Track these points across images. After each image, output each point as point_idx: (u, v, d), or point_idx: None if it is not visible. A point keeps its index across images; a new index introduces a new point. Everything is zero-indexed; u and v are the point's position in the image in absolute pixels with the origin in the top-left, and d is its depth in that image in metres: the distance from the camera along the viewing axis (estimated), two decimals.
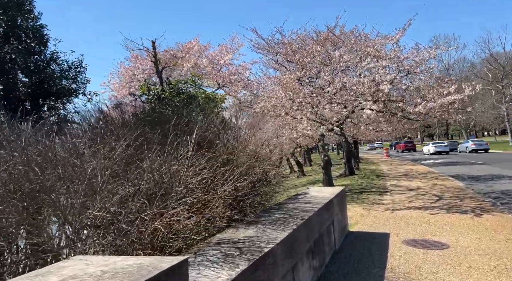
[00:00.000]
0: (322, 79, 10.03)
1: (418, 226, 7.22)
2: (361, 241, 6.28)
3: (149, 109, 4.73)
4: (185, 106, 5.64)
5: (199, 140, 4.04)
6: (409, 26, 10.96)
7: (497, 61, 55.67)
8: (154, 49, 9.49)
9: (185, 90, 8.09)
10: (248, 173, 3.80)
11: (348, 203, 10.14)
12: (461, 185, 12.95)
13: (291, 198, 5.76)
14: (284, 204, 4.98)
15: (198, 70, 13.36)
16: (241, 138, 4.24)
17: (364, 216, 8.44)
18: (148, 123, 4.37)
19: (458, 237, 6.29)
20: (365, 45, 10.21)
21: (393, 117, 11.68)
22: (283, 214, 4.26)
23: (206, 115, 4.59)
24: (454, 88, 9.48)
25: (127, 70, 14.46)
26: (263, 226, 3.70)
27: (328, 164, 11.91)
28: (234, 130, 4.77)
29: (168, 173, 2.77)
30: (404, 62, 10.38)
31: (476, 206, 9.04)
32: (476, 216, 7.89)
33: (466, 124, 63.26)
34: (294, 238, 3.61)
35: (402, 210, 8.92)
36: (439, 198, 10.39)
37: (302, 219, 4.02)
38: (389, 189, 13.05)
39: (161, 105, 5.57)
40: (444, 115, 11.56)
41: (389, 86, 9.18)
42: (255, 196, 4.02)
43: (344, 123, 12.08)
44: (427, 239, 6.24)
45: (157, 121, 4.51)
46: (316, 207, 4.70)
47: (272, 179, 4.50)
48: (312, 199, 5.51)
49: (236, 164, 3.63)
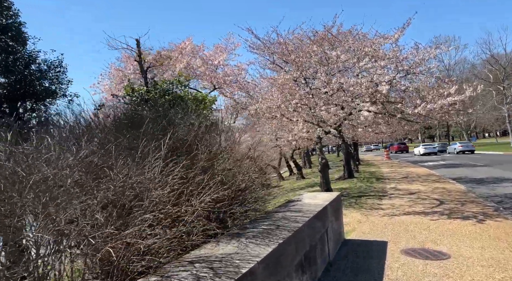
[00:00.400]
0: (319, 80, 9.71)
1: (418, 233, 6.89)
2: (357, 250, 5.95)
3: (129, 112, 4.40)
4: (171, 108, 5.33)
5: (177, 145, 3.72)
6: (408, 25, 10.65)
7: (498, 62, 55.31)
8: (138, 48, 9.14)
9: (171, 91, 7.76)
10: (231, 181, 3.49)
11: (346, 208, 9.82)
12: (463, 188, 12.61)
13: (282, 206, 5.43)
14: (273, 213, 4.66)
15: (191, 71, 13.04)
16: (225, 144, 3.93)
17: (361, 222, 8.11)
18: (126, 127, 4.06)
19: (459, 245, 5.96)
20: (363, 45, 9.89)
21: (393, 119, 11.35)
22: (270, 225, 3.93)
23: (187, 117, 4.26)
24: (454, 89, 9.15)
25: (117, 71, 14.11)
26: (246, 239, 3.37)
27: (325, 167, 11.58)
28: (221, 133, 4.45)
29: (130, 184, 2.46)
30: (403, 63, 10.06)
31: (478, 211, 8.70)
32: (479, 222, 7.56)
33: (467, 125, 62.88)
34: (280, 253, 3.29)
35: (401, 216, 8.59)
36: (440, 202, 10.05)
37: (291, 231, 3.70)
38: (388, 192, 12.72)
39: (145, 107, 5.27)
40: (444, 117, 11.23)
41: (387, 87, 8.85)
42: (239, 205, 3.70)
43: (342, 125, 11.75)
44: (427, 248, 5.91)
45: (136, 125, 4.20)
46: (307, 217, 4.38)
47: (259, 187, 4.17)
48: (304, 206, 5.19)
49: (217, 172, 3.31)
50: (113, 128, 3.94)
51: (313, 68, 10.30)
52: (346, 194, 12.55)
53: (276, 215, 4.57)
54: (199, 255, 2.93)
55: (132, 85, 8.06)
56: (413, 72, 10.23)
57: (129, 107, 5.05)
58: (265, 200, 4.97)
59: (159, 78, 10.41)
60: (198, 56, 13.11)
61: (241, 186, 3.67)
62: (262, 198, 4.42)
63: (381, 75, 9.14)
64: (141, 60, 9.06)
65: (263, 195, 4.64)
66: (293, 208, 5.13)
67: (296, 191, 16.16)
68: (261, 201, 4.34)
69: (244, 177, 3.73)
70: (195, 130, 4.00)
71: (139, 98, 6.98)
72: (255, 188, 4.08)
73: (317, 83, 10.18)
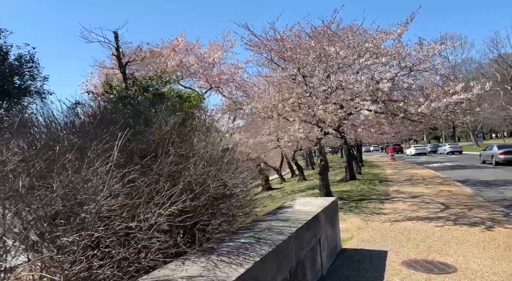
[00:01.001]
0: (316, 77, 9.21)
1: (421, 241, 6.37)
2: (354, 262, 5.45)
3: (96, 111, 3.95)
4: (149, 107, 4.88)
5: (144, 148, 3.26)
6: (412, 20, 10.11)
7: (506, 61, 54.32)
8: (116, 41, 8.62)
9: (152, 88, 7.28)
10: (204, 188, 3.02)
11: (345, 213, 9.32)
12: (470, 191, 12.03)
13: (271, 213, 4.95)
14: (258, 222, 4.18)
15: (185, 69, 12.52)
16: (200, 145, 3.46)
17: (361, 229, 7.60)
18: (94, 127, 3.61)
19: (467, 256, 5.44)
20: (363, 40, 9.38)
21: (395, 119, 10.82)
22: (250, 238, 3.45)
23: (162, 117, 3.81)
24: (461, 87, 8.61)
25: (108, 69, 13.57)
26: (217, 257, 2.90)
27: (325, 169, 11.07)
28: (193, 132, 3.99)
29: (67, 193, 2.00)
30: (406, 59, 9.53)
31: (486, 216, 8.16)
32: (488, 229, 7.03)
33: (473, 126, 61.78)
34: (257, 273, 2.81)
35: (404, 221, 8.07)
36: (445, 207, 9.51)
37: (272, 245, 3.21)
38: (391, 195, 12.18)
39: (120, 105, 4.83)
40: (450, 116, 10.67)
41: (389, 85, 8.33)
42: (215, 216, 3.22)
43: (343, 125, 11.23)
44: (431, 259, 5.40)
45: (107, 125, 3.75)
46: (294, 227, 3.89)
47: (242, 194, 3.70)
48: (293, 214, 4.70)
49: (185, 178, 2.84)
50: (74, 130, 3.50)
51: (311, 65, 9.80)
52: (347, 197, 12.03)
53: (260, 224, 4.09)
54: (156, 279, 2.47)
55: (110, 82, 7.58)
56: (416, 70, 9.70)
57: (103, 106, 4.60)
58: (252, 207, 4.50)
59: (132, 73, 9.74)
60: (192, 54, 12.60)
61: (218, 192, 3.20)
62: (245, 206, 3.94)
63: (382, 72, 8.63)
64: (119, 55, 8.57)
65: (247, 202, 4.17)
66: (281, 216, 4.65)
67: (296, 194, 15.66)
68: (243, 210, 3.86)
69: (216, 184, 3.26)
70: (167, 130, 3.54)
71: (115, 96, 6.53)
72: (237, 194, 3.61)
73: (315, 81, 9.67)
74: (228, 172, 3.46)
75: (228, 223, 3.41)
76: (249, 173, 4.33)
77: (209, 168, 3.12)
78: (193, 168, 2.97)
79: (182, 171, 2.93)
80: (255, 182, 10.50)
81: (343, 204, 10.71)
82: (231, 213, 3.52)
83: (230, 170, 3.55)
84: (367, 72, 9.06)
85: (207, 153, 3.38)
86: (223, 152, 3.79)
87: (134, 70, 9.97)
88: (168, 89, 8.50)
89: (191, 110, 6.68)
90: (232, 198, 3.47)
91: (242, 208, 3.86)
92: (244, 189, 3.78)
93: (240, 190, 3.60)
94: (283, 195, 16.19)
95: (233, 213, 3.50)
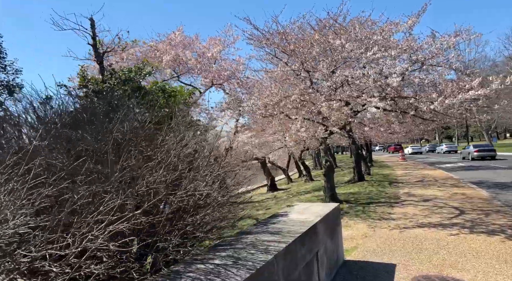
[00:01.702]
0: (320, 72, 8.57)
1: (434, 253, 5.72)
2: (358, 278, 4.83)
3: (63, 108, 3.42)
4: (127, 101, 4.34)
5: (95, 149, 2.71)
6: (424, 11, 9.38)
7: None
8: (92, 28, 7.96)
9: (131, 81, 6.71)
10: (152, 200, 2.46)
11: (351, 218, 8.69)
12: (486, 195, 11.25)
13: (261, 223, 4.36)
14: (243, 236, 3.59)
15: (182, 64, 11.95)
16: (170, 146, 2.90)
17: (367, 237, 6.96)
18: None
19: (486, 272, 4.78)
20: (371, 33, 8.70)
21: (406, 117, 10.11)
22: (227, 259, 2.87)
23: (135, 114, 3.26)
24: (478, 82, 7.88)
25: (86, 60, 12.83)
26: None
27: (330, 170, 10.43)
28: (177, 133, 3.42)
29: None
30: (418, 53, 8.81)
31: (505, 223, 7.44)
32: (508, 239, 6.33)
33: (487, 125, 60.13)
34: None
35: (414, 228, 7.41)
36: (460, 212, 8.79)
37: (252, 269, 2.64)
38: (401, 198, 11.47)
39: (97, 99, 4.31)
40: (465, 114, 9.91)
41: (398, 79, 7.64)
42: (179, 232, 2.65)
43: (349, 124, 10.56)
44: (445, 275, 4.75)
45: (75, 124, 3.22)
46: (284, 243, 3.30)
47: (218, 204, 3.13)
48: (287, 225, 4.11)
49: (140, 186, 2.29)
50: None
51: (315, 59, 9.16)
52: (354, 200, 11.37)
53: (245, 239, 3.50)
54: None
55: (84, 74, 7.00)
56: (429, 64, 8.97)
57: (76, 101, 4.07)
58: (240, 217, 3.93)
59: (110, 65, 9.06)
60: (189, 48, 12.00)
61: (184, 204, 2.64)
62: (226, 218, 3.36)
63: (391, 66, 7.95)
64: (95, 44, 7.97)
65: (231, 212, 3.59)
66: (272, 226, 4.06)
67: (301, 195, 15.04)
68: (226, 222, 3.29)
69: (191, 192, 2.70)
70: (132, 128, 2.98)
71: (90, 90, 5.98)
72: (212, 205, 3.03)
73: (318, 76, 9.03)
74: (204, 177, 2.88)
75: (201, 239, 2.83)
76: (234, 176, 3.74)
77: (173, 174, 2.56)
78: (149, 174, 2.41)
79: (136, 178, 2.37)
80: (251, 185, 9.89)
81: (349, 208, 10.07)
82: (206, 228, 2.94)
83: (207, 175, 2.97)
84: (375, 67, 8.39)
85: (175, 156, 2.81)
86: (196, 153, 3.21)
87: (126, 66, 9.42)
88: (151, 83, 7.96)
89: (178, 107, 6.14)
90: (207, 209, 2.89)
91: (224, 219, 3.27)
92: (224, 196, 3.20)
93: (213, 199, 3.02)
94: (288, 196, 15.57)
95: (208, 228, 2.92)
